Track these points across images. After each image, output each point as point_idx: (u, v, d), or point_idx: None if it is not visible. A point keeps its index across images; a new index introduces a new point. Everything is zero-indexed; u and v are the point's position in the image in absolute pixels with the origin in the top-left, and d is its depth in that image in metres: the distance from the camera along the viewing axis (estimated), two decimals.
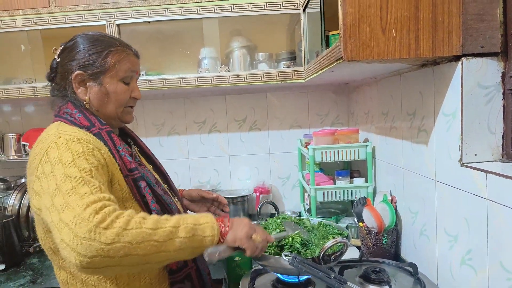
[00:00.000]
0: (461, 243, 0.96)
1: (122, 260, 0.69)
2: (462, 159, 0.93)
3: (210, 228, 0.81)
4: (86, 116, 0.93)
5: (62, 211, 0.71)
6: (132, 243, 0.70)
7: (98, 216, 0.69)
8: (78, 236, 0.67)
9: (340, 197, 1.61)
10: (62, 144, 0.81)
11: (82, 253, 0.66)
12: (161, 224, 0.75)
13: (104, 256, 0.67)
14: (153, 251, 0.72)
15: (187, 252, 0.78)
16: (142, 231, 0.72)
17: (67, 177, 0.75)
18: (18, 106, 2.04)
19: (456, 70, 0.94)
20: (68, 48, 0.96)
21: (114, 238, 0.68)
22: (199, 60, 1.78)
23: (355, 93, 1.88)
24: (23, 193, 1.79)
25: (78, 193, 0.73)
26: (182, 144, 2.06)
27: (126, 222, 0.71)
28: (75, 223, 0.68)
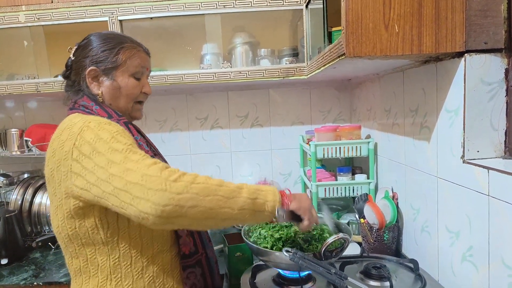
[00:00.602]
0: (462, 240, 0.96)
1: (190, 211, 0.74)
2: (464, 156, 0.93)
3: (272, 194, 0.85)
4: (103, 108, 0.98)
5: (125, 175, 0.75)
6: (200, 194, 0.75)
7: (165, 172, 0.75)
8: (151, 189, 0.73)
9: (342, 193, 1.61)
10: (95, 126, 0.84)
11: (156, 202, 0.72)
12: (226, 183, 0.81)
13: (175, 205, 0.73)
14: (218, 205, 0.77)
15: (248, 213, 0.81)
16: (208, 186, 0.77)
17: (114, 150, 0.79)
18: (21, 101, 2.05)
19: (459, 66, 0.93)
20: (82, 46, 1.01)
21: (183, 189, 0.74)
22: (201, 56, 1.78)
23: (357, 90, 1.88)
24: (26, 189, 1.80)
25: (132, 160, 0.77)
26: (184, 141, 2.06)
27: (194, 177, 0.77)
28: (145, 180, 0.74)
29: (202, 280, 1.01)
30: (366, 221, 1.37)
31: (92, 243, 0.90)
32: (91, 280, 0.92)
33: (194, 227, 0.91)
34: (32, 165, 2.06)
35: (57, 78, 1.69)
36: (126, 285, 0.91)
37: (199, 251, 1.02)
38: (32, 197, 1.79)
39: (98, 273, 0.92)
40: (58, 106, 2.04)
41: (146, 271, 0.93)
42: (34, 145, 1.80)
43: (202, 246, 1.03)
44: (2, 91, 1.66)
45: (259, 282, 1.09)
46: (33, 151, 1.83)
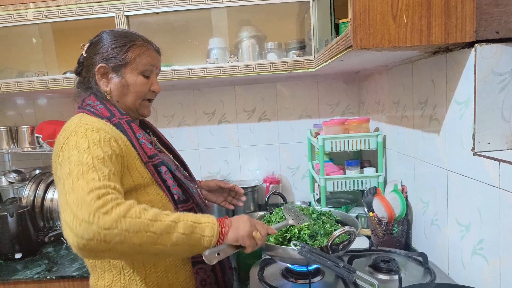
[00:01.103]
0: (473, 233, 0.95)
1: (117, 247, 0.71)
2: (474, 148, 0.92)
3: (210, 228, 0.81)
4: (107, 107, 0.99)
5: (68, 193, 0.74)
6: (129, 231, 0.71)
7: (100, 201, 0.71)
8: (78, 218, 0.69)
9: (350, 187, 1.60)
10: (81, 132, 0.86)
11: (79, 235, 0.69)
12: (161, 217, 0.76)
13: (100, 240, 0.69)
14: (149, 242, 0.73)
15: (184, 249, 0.79)
16: (140, 220, 0.73)
17: (80, 162, 0.79)
18: (31, 99, 2.08)
19: (469, 57, 0.91)
20: (94, 43, 1.02)
21: (112, 224, 0.70)
22: (208, 50, 1.77)
23: (365, 82, 1.86)
24: (38, 184, 1.83)
25: (85, 178, 0.76)
26: (192, 135, 2.07)
27: (126, 210, 0.73)
28: (77, 205, 0.71)
29: (212, 276, 1.02)
30: (375, 215, 1.37)
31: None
32: (106, 275, 0.95)
33: (123, 260, 0.91)
34: (43, 161, 2.09)
35: (66, 75, 1.71)
36: (139, 280, 0.93)
37: None
38: (44, 193, 1.82)
39: (112, 268, 0.94)
40: (67, 103, 2.06)
41: (158, 265, 0.95)
42: (45, 141, 1.83)
43: None
44: (12, 88, 1.69)
45: (267, 276, 1.10)
46: (44, 148, 1.85)
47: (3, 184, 1.90)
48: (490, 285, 0.89)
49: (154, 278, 0.94)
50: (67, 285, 1.45)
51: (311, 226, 1.05)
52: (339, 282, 1.04)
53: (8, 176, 1.91)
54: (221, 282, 1.03)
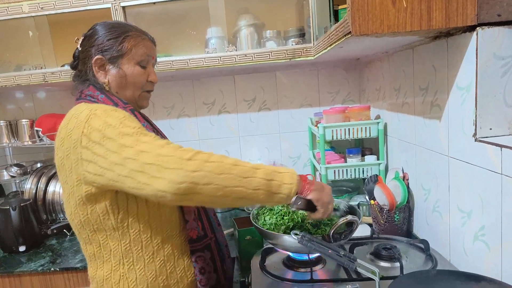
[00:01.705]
0: (474, 219, 0.95)
1: (205, 188, 0.75)
2: (476, 134, 0.91)
3: (289, 177, 0.83)
4: (108, 97, 0.99)
5: (140, 157, 0.77)
6: (214, 172, 0.76)
7: (179, 151, 0.77)
8: (167, 168, 0.74)
9: (352, 175, 1.59)
10: (102, 113, 0.85)
11: (172, 180, 0.74)
12: (241, 163, 0.81)
13: (190, 182, 0.74)
14: (232, 183, 0.77)
15: (263, 194, 0.81)
16: (222, 164, 0.78)
17: (124, 134, 0.80)
18: (30, 92, 2.07)
19: (471, 41, 0.90)
20: (88, 36, 1.02)
21: (198, 167, 0.75)
22: (206, 40, 1.75)
23: (366, 69, 1.84)
24: (39, 178, 1.84)
25: (144, 142, 0.79)
26: (192, 126, 2.06)
27: (208, 156, 0.78)
28: (159, 160, 0.75)
29: (211, 264, 1.02)
30: (376, 203, 1.36)
31: (103, 229, 0.92)
32: (105, 265, 0.95)
33: (210, 204, 0.91)
34: (44, 155, 2.10)
35: (63, 67, 1.69)
36: (138, 268, 0.94)
37: (208, 235, 1.03)
38: (45, 186, 1.82)
39: (111, 258, 0.94)
40: (66, 96, 2.06)
41: (157, 255, 0.95)
42: (45, 134, 1.82)
43: (211, 230, 1.04)
44: (10, 82, 1.68)
45: (269, 264, 1.10)
46: (44, 141, 1.85)
47: (4, 178, 1.91)
48: (491, 271, 0.89)
49: (153, 267, 0.95)
50: (71, 276, 1.47)
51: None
52: (341, 270, 1.04)
53: (10, 170, 1.91)
54: (220, 270, 1.04)
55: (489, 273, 0.89)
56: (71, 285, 1.48)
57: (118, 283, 0.94)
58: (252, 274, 1.07)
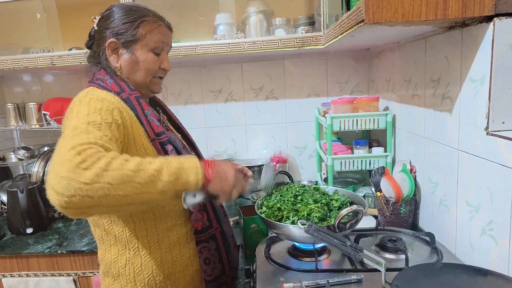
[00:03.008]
0: (482, 214, 0.94)
1: (102, 200, 0.69)
2: (488, 127, 0.89)
3: (195, 173, 0.79)
4: (116, 82, 0.98)
5: (55, 154, 0.72)
6: (112, 183, 0.69)
7: (79, 157, 0.69)
8: (58, 175, 0.66)
9: (358, 166, 1.59)
10: (85, 102, 0.86)
11: (60, 192, 0.66)
12: (143, 166, 0.74)
13: (83, 196, 0.66)
14: (134, 192, 0.71)
15: (170, 194, 0.77)
16: (123, 172, 0.70)
17: (74, 127, 0.78)
18: (37, 75, 2.07)
19: (487, 31, 0.87)
20: (105, 17, 1.00)
21: (93, 178, 0.67)
22: (214, 26, 1.73)
23: (376, 60, 1.81)
24: (47, 161, 1.85)
25: (72, 137, 0.74)
26: (198, 114, 2.06)
27: (107, 164, 0.70)
28: (59, 163, 0.68)
29: (216, 254, 1.02)
30: (382, 195, 1.36)
31: (107, 215, 0.93)
32: (112, 248, 0.97)
33: (113, 213, 0.90)
34: (51, 138, 2.11)
35: (71, 51, 1.69)
36: (143, 255, 0.94)
37: (214, 226, 1.03)
38: None
39: (117, 243, 0.96)
40: (74, 79, 2.05)
41: (162, 242, 0.96)
42: (52, 118, 1.83)
43: (216, 220, 1.04)
44: (18, 65, 1.68)
45: (274, 253, 1.11)
46: (52, 125, 1.86)
47: (12, 160, 1.93)
48: (498, 265, 0.88)
49: (158, 254, 0.95)
50: (77, 259, 1.49)
51: (321, 209, 1.04)
52: (346, 260, 1.04)
53: (17, 153, 1.93)
54: (225, 260, 1.04)
55: (495, 267, 0.89)
56: (77, 267, 1.50)
57: (125, 267, 0.95)
58: (257, 262, 1.07)
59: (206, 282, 1.02)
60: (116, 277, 0.97)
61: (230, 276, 1.07)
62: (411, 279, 0.78)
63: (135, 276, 0.95)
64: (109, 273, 0.98)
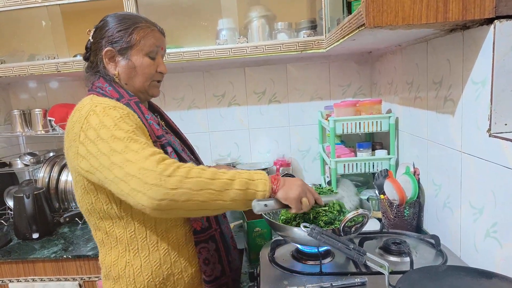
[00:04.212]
0: (486, 216, 0.94)
1: (184, 204, 0.78)
2: (491, 129, 0.89)
3: (263, 184, 0.88)
4: (115, 89, 1.00)
5: (125, 166, 0.79)
6: (193, 189, 0.78)
7: (161, 166, 0.78)
8: (147, 183, 0.76)
9: (361, 169, 1.59)
10: (100, 111, 0.88)
11: (152, 196, 0.76)
12: (218, 175, 0.83)
13: (169, 200, 0.77)
14: (210, 198, 0.80)
15: (240, 203, 0.85)
16: (201, 180, 0.80)
17: (116, 138, 0.83)
18: (43, 82, 2.09)
19: (488, 34, 0.88)
20: (99, 28, 1.03)
21: (177, 184, 0.77)
22: (217, 31, 1.75)
23: (378, 63, 1.81)
24: (52, 167, 1.87)
25: (132, 150, 0.81)
26: (202, 118, 2.07)
27: (187, 172, 0.80)
28: (141, 173, 0.77)
29: (216, 255, 1.03)
30: (386, 197, 1.36)
31: (109, 217, 0.95)
32: (112, 251, 0.98)
33: (190, 216, 0.97)
34: (57, 144, 2.13)
35: (76, 57, 1.71)
36: (143, 256, 0.96)
37: (213, 227, 1.03)
38: (58, 175, 1.85)
39: (118, 245, 0.97)
40: (78, 86, 2.08)
41: (161, 244, 0.97)
42: (57, 124, 1.85)
43: (216, 221, 1.05)
44: (24, 71, 1.70)
45: (278, 257, 1.11)
46: (57, 131, 1.88)
47: (18, 166, 1.95)
48: (502, 268, 0.88)
49: (157, 255, 0.96)
50: (83, 264, 1.50)
51: (329, 213, 1.05)
52: (350, 263, 1.04)
53: (23, 159, 1.95)
54: (225, 261, 1.05)
55: (500, 270, 0.88)
56: (83, 272, 1.51)
57: (124, 269, 0.96)
58: (261, 266, 1.08)
59: (206, 282, 1.02)
60: (116, 279, 0.98)
61: (231, 278, 1.07)
62: (415, 281, 0.78)
63: (135, 278, 0.96)
64: (109, 276, 1.00)
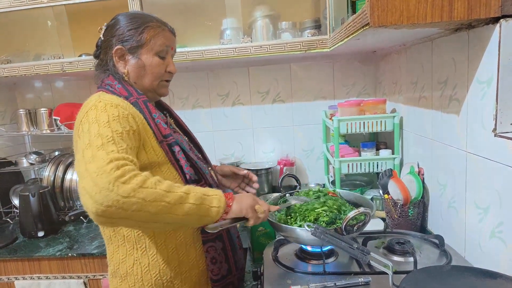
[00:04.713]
0: (491, 216, 0.93)
1: (134, 215, 0.74)
2: (496, 129, 0.89)
3: (217, 200, 0.86)
4: (124, 87, 1.01)
5: (88, 162, 0.77)
6: (146, 200, 0.75)
7: (119, 171, 0.74)
8: (98, 186, 0.72)
9: (365, 169, 1.58)
10: (101, 107, 0.89)
11: (99, 201, 0.71)
12: (174, 188, 0.80)
13: (118, 208, 0.72)
14: (163, 211, 0.77)
15: (194, 218, 0.83)
16: (156, 191, 0.77)
17: (100, 134, 0.82)
18: (48, 82, 2.11)
19: (493, 33, 0.87)
20: (110, 26, 1.04)
21: (130, 192, 0.73)
22: (221, 31, 1.75)
23: (383, 62, 1.81)
24: (57, 166, 1.88)
25: (105, 150, 0.79)
26: (206, 118, 2.07)
27: (143, 181, 0.76)
28: (97, 173, 0.73)
29: (223, 254, 1.04)
30: (390, 197, 1.35)
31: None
32: (120, 249, 0.99)
33: (138, 228, 0.94)
34: (62, 143, 2.14)
35: (81, 57, 1.72)
36: (151, 254, 0.96)
37: None
38: (63, 174, 1.87)
39: (125, 243, 0.98)
40: (84, 85, 2.09)
41: (169, 242, 0.98)
42: (63, 123, 1.86)
43: None
44: (29, 71, 1.71)
45: (281, 256, 1.11)
46: (62, 130, 1.89)
47: (24, 165, 1.96)
48: (508, 268, 0.88)
49: (165, 254, 0.97)
50: (88, 262, 1.51)
51: (329, 213, 1.04)
52: (353, 263, 1.04)
53: (29, 158, 1.96)
54: (231, 260, 1.05)
55: (506, 270, 0.88)
56: (88, 270, 1.52)
57: (132, 267, 0.97)
58: (264, 265, 1.08)
59: (212, 281, 1.03)
60: (124, 277, 0.99)
61: (236, 277, 1.08)
62: (419, 281, 0.78)
63: (142, 275, 0.97)
64: (117, 273, 1.00)
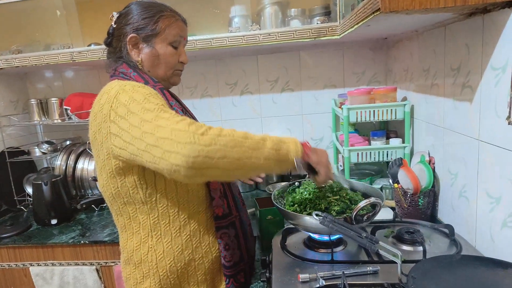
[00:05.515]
0: (503, 205, 0.92)
1: (220, 162, 0.77)
2: (510, 117, 0.86)
3: (294, 144, 0.90)
4: (140, 75, 1.01)
5: (156, 132, 0.78)
6: (227, 146, 0.78)
7: (193, 126, 0.78)
8: (181, 143, 0.75)
9: (375, 158, 1.57)
10: (130, 89, 0.89)
11: (186, 154, 0.75)
12: (250, 136, 0.84)
13: (204, 156, 0.75)
14: (245, 155, 0.80)
15: (274, 163, 0.86)
16: (234, 138, 0.80)
17: (146, 109, 0.83)
18: (59, 71, 2.13)
19: (509, 18, 0.84)
20: (123, 14, 1.04)
21: (211, 141, 0.77)
22: (229, 19, 1.73)
23: (394, 49, 1.77)
24: (69, 155, 1.91)
25: (163, 118, 0.80)
26: (214, 107, 2.07)
27: (220, 130, 0.80)
28: (174, 134, 0.77)
29: (235, 241, 1.05)
30: (400, 186, 1.34)
31: (133, 202, 0.96)
32: (134, 236, 1.00)
33: (224, 178, 0.94)
34: (73, 133, 2.17)
35: (90, 47, 1.72)
36: (165, 242, 0.97)
37: (233, 213, 1.05)
38: (75, 163, 1.90)
39: (140, 230, 0.98)
40: (93, 75, 2.10)
41: (183, 230, 0.99)
42: (73, 113, 1.88)
43: (236, 208, 1.06)
44: (40, 61, 1.73)
45: (290, 244, 1.11)
46: (73, 119, 1.91)
47: (36, 154, 1.99)
48: None
49: (179, 241, 0.98)
50: (100, 249, 1.54)
51: (341, 203, 1.04)
52: (362, 252, 1.04)
53: (41, 147, 1.99)
54: (243, 248, 1.06)
55: None
56: (100, 257, 1.55)
57: (147, 254, 0.98)
58: (273, 253, 1.09)
59: (225, 268, 1.04)
60: (137, 264, 1.00)
61: (247, 264, 1.09)
62: (428, 270, 0.77)
63: (157, 263, 0.98)
64: (130, 260, 1.01)
